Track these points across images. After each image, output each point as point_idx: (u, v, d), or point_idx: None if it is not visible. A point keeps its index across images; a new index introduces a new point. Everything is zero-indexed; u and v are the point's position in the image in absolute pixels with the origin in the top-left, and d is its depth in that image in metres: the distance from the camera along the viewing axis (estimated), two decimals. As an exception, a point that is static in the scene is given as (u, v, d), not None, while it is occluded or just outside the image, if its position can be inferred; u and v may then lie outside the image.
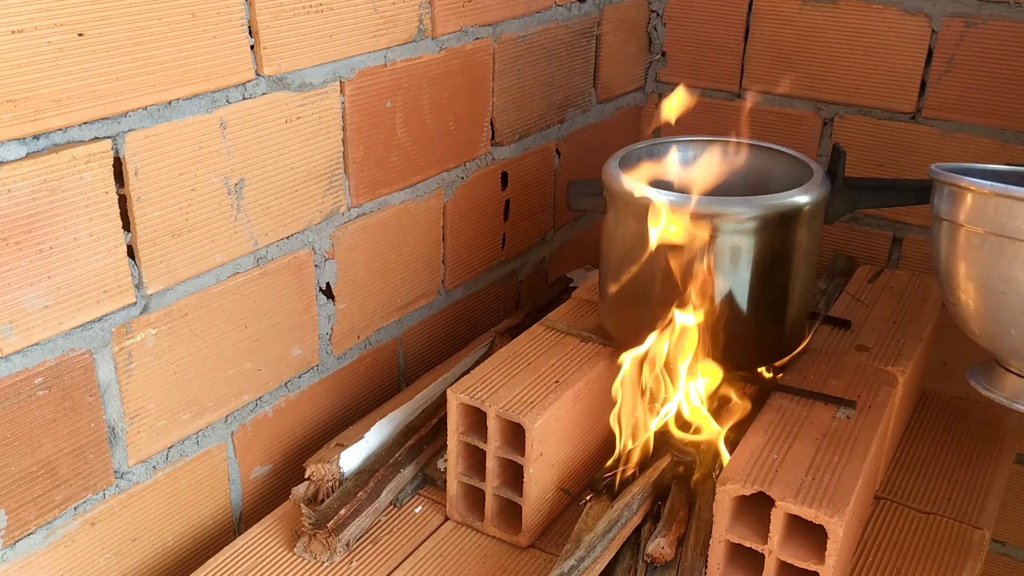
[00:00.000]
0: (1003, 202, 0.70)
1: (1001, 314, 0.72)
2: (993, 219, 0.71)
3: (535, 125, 1.25)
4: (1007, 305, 0.71)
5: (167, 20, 0.75)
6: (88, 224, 0.74)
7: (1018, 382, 0.76)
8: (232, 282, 0.88)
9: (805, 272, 0.93)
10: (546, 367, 0.92)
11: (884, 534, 0.89)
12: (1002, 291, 0.71)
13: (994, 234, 0.71)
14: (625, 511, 0.85)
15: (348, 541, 0.87)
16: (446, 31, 1.04)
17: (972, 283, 0.74)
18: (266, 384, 0.95)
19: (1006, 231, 0.70)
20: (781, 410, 0.87)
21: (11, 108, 0.67)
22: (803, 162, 0.95)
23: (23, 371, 0.73)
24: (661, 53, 1.45)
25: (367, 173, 1.00)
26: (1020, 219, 0.69)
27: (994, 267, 0.71)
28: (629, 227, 0.91)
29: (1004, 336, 0.74)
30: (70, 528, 0.80)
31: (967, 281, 0.75)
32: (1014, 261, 0.70)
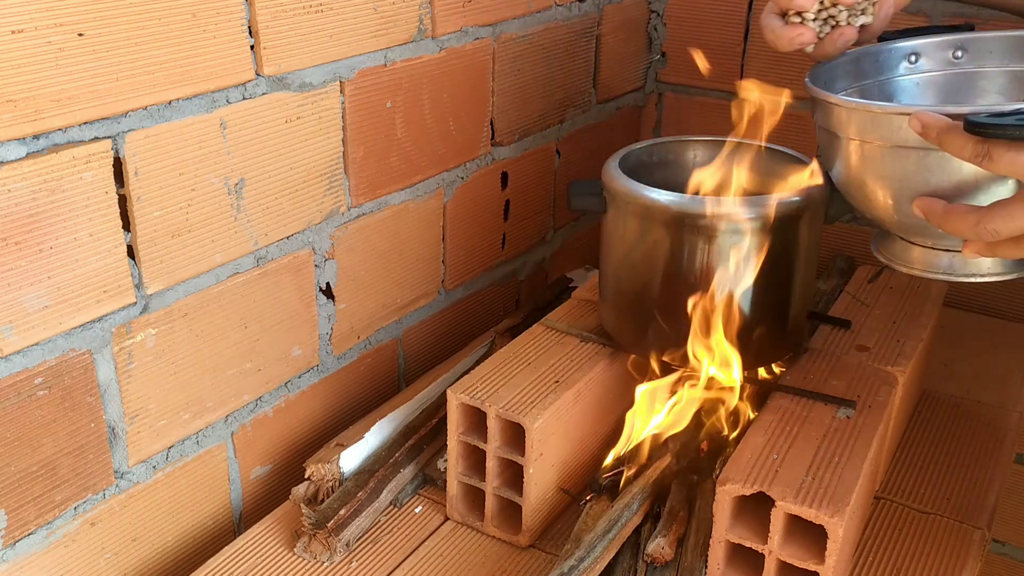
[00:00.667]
0: (865, 115, 0.74)
1: (886, 204, 0.76)
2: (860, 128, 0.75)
3: (535, 125, 1.25)
4: (888, 197, 0.76)
5: (167, 20, 0.75)
6: (88, 224, 0.74)
7: (911, 249, 0.79)
8: (232, 282, 0.88)
9: (805, 272, 0.93)
10: (546, 367, 0.92)
11: (884, 534, 0.89)
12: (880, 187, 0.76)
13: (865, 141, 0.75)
14: (625, 511, 0.85)
15: (348, 541, 0.87)
16: (446, 31, 1.04)
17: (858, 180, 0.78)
18: (266, 384, 0.95)
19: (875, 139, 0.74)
20: (781, 410, 0.87)
21: (11, 108, 0.67)
22: (803, 162, 0.95)
23: (23, 371, 0.73)
24: (661, 53, 1.45)
25: (367, 173, 1.00)
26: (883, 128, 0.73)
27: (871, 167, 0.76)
28: (629, 227, 0.91)
29: (891, 219, 0.78)
30: (70, 528, 0.80)
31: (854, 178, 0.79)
32: (885, 162, 0.74)
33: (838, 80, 0.87)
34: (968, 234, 0.67)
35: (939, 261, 0.77)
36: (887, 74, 0.90)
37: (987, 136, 0.64)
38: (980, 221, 0.66)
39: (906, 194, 0.73)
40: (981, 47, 0.87)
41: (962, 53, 0.88)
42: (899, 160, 0.72)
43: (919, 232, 0.77)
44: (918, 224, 0.73)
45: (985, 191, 0.69)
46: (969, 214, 0.67)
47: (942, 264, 0.77)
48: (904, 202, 0.74)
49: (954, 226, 0.68)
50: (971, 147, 0.65)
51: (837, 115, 0.76)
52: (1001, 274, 0.76)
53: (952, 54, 0.88)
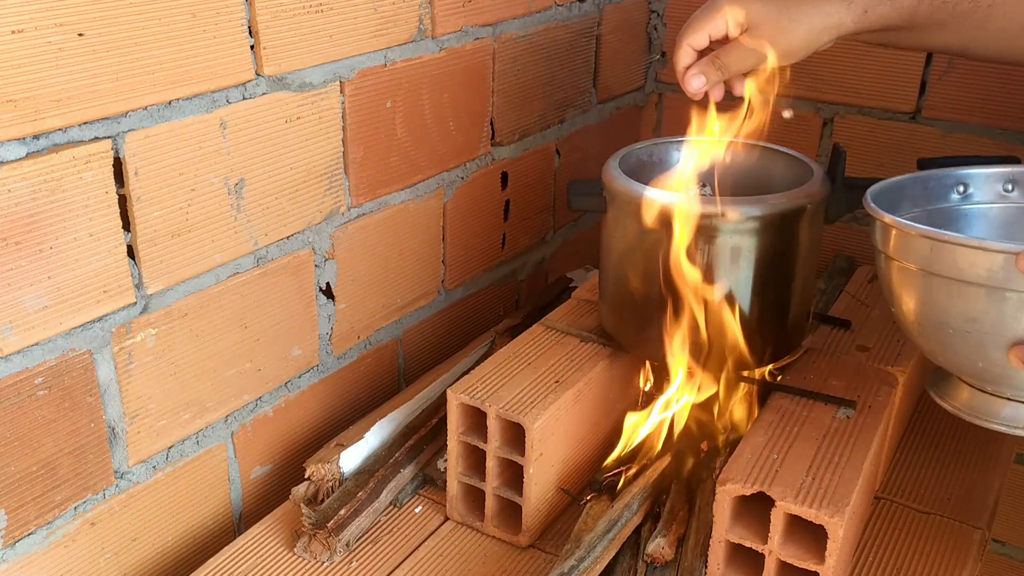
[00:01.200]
0: (956, 249, 0.69)
1: (964, 348, 0.72)
2: (948, 264, 0.70)
3: (535, 125, 1.25)
4: (970, 342, 0.71)
5: (167, 20, 0.75)
6: (88, 224, 0.74)
7: (979, 396, 0.76)
8: (232, 282, 0.88)
9: (805, 272, 0.93)
10: (546, 367, 0.92)
11: (884, 534, 0.89)
12: (966, 330, 0.71)
13: (951, 278, 0.70)
14: (625, 511, 0.85)
15: (348, 541, 0.87)
16: (446, 31, 1.04)
17: (930, 321, 0.74)
18: (266, 384, 0.95)
19: (966, 276, 0.69)
20: (781, 410, 0.87)
21: (11, 108, 0.67)
22: (803, 162, 0.95)
23: (23, 371, 0.73)
24: (661, 53, 1.45)
25: (367, 173, 1.00)
26: (977, 266, 0.68)
27: (955, 307, 0.71)
28: (629, 227, 0.91)
29: (966, 366, 0.74)
30: (70, 528, 0.80)
31: (925, 318, 0.74)
32: (976, 303, 0.69)
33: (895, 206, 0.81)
34: None
35: (1016, 414, 0.73)
36: (936, 203, 0.85)
37: None
38: None
39: (997, 340, 0.69)
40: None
41: (1012, 186, 0.85)
42: (994, 302, 0.68)
43: (1000, 382, 0.72)
44: (1004, 374, 0.69)
45: None
46: None
47: (1019, 416, 0.73)
48: (993, 349, 0.69)
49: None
50: None
51: (920, 247, 0.71)
52: None
53: (1003, 187, 0.85)
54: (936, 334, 0.73)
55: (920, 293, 0.73)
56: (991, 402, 0.75)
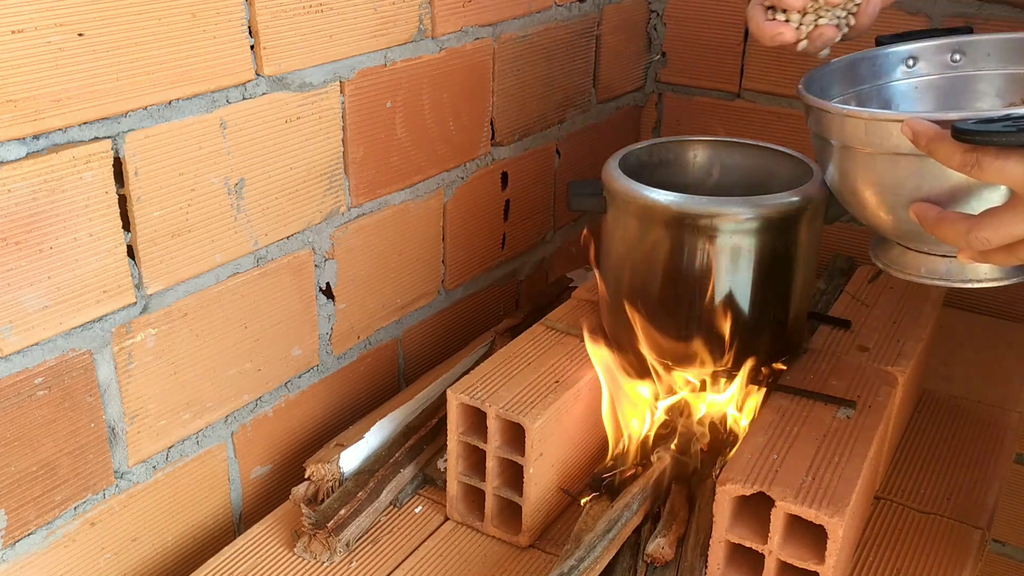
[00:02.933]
0: (858, 122, 0.73)
1: (882, 210, 0.76)
2: (852, 135, 0.74)
3: (535, 125, 1.25)
4: (884, 203, 0.75)
5: (167, 20, 0.75)
6: (88, 224, 0.74)
7: (907, 254, 0.79)
8: (232, 282, 0.88)
9: (805, 272, 0.93)
10: (546, 367, 0.92)
11: (884, 534, 0.89)
12: (876, 192, 0.75)
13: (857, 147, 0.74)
14: (625, 511, 0.85)
15: (348, 541, 0.87)
16: (446, 31, 1.04)
17: (852, 187, 0.78)
18: (266, 384, 0.95)
19: (868, 145, 0.73)
20: (781, 410, 0.87)
21: (11, 108, 0.67)
22: (803, 162, 0.95)
23: (23, 371, 0.73)
24: (661, 53, 1.45)
25: (367, 173, 1.00)
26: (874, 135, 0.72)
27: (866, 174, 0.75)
28: (629, 227, 0.91)
29: (886, 225, 0.77)
30: (70, 528, 0.80)
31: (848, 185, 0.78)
32: (879, 169, 0.73)
33: (834, 85, 0.86)
34: (960, 242, 0.67)
35: (937, 266, 0.77)
36: (884, 79, 0.89)
37: (975, 143, 0.63)
38: (971, 229, 0.65)
39: (901, 200, 0.73)
40: (979, 50, 0.87)
41: (960, 56, 0.87)
42: (892, 167, 0.72)
43: (916, 238, 0.76)
44: (914, 230, 0.73)
45: (978, 197, 0.69)
46: (960, 222, 0.66)
47: (940, 270, 0.77)
48: (899, 208, 0.73)
49: (946, 233, 0.68)
50: (960, 155, 0.64)
51: (829, 122, 0.76)
52: (998, 279, 0.75)
53: (950, 57, 0.88)
54: (855, 198, 0.78)
55: (837, 163, 0.78)
56: (916, 257, 0.78)
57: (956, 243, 0.67)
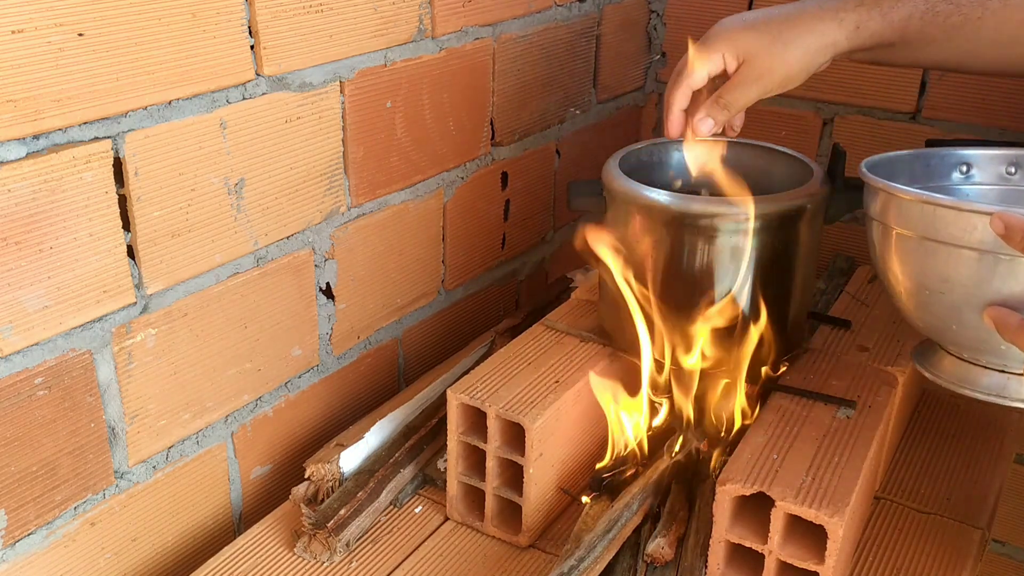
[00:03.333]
0: (928, 208, 0.70)
1: (941, 311, 0.73)
2: (925, 224, 0.71)
3: (535, 125, 1.25)
4: (945, 303, 0.72)
5: (167, 20, 0.75)
6: (88, 224, 0.74)
7: (959, 365, 0.77)
8: (232, 282, 0.88)
9: (805, 272, 0.93)
10: (546, 367, 0.92)
11: (884, 534, 0.89)
12: (940, 291, 0.72)
13: (927, 238, 0.71)
14: (625, 511, 0.85)
15: (348, 541, 0.87)
16: (446, 31, 1.04)
17: (909, 281, 0.75)
18: (266, 384, 0.95)
19: (941, 236, 0.70)
20: (781, 410, 0.87)
21: (11, 108, 0.67)
22: (803, 162, 0.95)
23: (23, 371, 0.73)
24: (661, 53, 1.45)
25: (367, 173, 1.00)
26: (952, 225, 0.69)
27: (930, 268, 0.72)
28: (629, 227, 0.91)
29: (946, 330, 0.75)
30: (70, 528, 0.80)
31: (904, 280, 0.76)
32: (949, 263, 0.70)
33: (897, 176, 0.82)
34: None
35: (992, 381, 0.74)
36: (938, 181, 0.87)
37: None
38: None
39: (972, 302, 0.69)
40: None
41: (1015, 169, 0.85)
42: (971, 264, 0.68)
43: (975, 346, 0.73)
44: (977, 337, 0.70)
45: None
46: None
47: (994, 384, 0.74)
48: (968, 311, 0.70)
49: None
50: None
51: (901, 208, 0.72)
52: None
53: (1005, 169, 0.86)
54: (915, 297, 0.75)
55: (900, 255, 0.75)
56: (970, 370, 0.75)
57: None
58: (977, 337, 0.71)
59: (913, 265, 0.74)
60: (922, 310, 0.75)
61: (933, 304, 0.73)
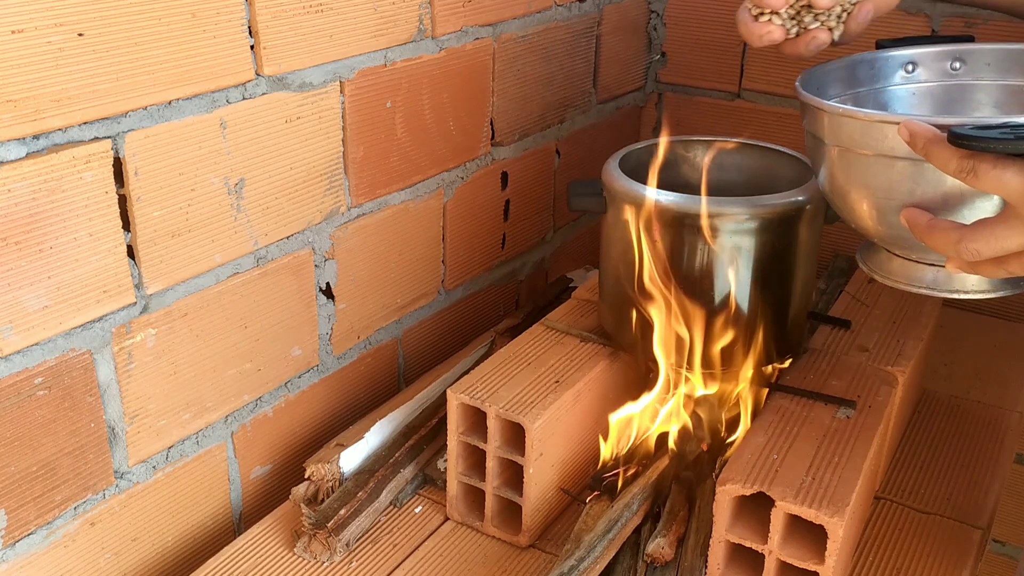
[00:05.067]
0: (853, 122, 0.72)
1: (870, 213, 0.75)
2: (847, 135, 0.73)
3: (535, 125, 1.25)
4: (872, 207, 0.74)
5: (167, 20, 0.75)
6: (88, 224, 0.74)
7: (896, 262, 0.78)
8: (232, 282, 0.88)
9: (805, 272, 0.93)
10: (546, 367, 0.92)
11: (884, 534, 0.89)
12: (864, 196, 0.74)
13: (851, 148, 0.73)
14: (625, 511, 0.85)
15: (348, 541, 0.87)
16: (446, 31, 1.04)
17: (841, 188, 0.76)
18: (266, 384, 0.95)
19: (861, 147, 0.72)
20: (781, 410, 0.87)
21: (11, 108, 0.67)
22: (803, 162, 0.95)
23: (23, 371, 0.73)
24: (661, 53, 1.45)
25: (367, 173, 1.00)
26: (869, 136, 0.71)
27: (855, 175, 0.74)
28: (629, 227, 0.91)
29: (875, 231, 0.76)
30: (70, 528, 0.80)
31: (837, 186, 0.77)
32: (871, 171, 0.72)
33: (831, 86, 0.85)
34: (949, 251, 0.65)
35: (923, 275, 0.76)
36: (882, 82, 0.88)
37: (972, 149, 0.61)
38: (962, 239, 0.64)
39: (892, 205, 0.71)
40: (979, 59, 0.86)
41: (960, 64, 0.86)
42: (886, 170, 0.71)
43: (904, 245, 0.75)
44: (902, 236, 0.72)
45: (971, 206, 0.67)
46: (951, 231, 0.65)
47: (926, 278, 0.75)
48: (889, 213, 0.72)
49: (936, 242, 0.66)
50: (956, 161, 0.62)
51: (824, 121, 0.75)
52: (985, 292, 0.74)
53: (950, 65, 0.87)
54: (844, 201, 0.76)
55: (828, 163, 0.76)
56: (904, 265, 0.77)
57: (946, 252, 0.66)
58: (902, 236, 0.72)
59: (837, 172, 0.76)
60: (851, 214, 0.77)
61: (860, 208, 0.75)
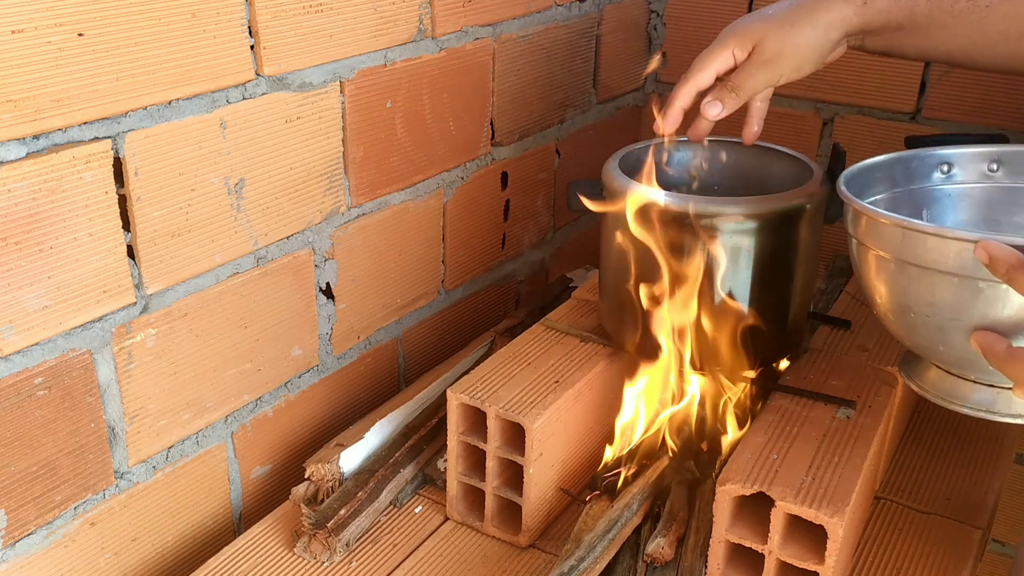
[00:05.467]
0: (916, 236, 0.69)
1: (927, 332, 0.72)
2: (909, 250, 0.70)
3: (535, 125, 1.25)
4: (930, 325, 0.71)
5: (167, 20, 0.75)
6: (88, 224, 0.74)
7: (947, 379, 0.75)
8: (232, 282, 0.88)
9: (805, 272, 0.93)
10: (546, 367, 0.92)
11: (884, 534, 0.89)
12: (925, 314, 0.71)
13: (912, 264, 0.70)
14: (625, 511, 0.85)
15: (348, 541, 0.87)
16: (446, 31, 1.04)
17: (895, 304, 0.74)
18: (266, 384, 0.95)
19: (925, 263, 0.69)
20: (781, 410, 0.87)
21: (11, 108, 0.67)
22: (803, 162, 0.95)
23: (23, 371, 0.73)
24: (661, 53, 1.45)
25: (367, 173, 1.00)
26: (936, 252, 0.68)
27: (916, 293, 0.71)
28: (629, 227, 0.91)
29: (932, 350, 0.74)
30: (70, 528, 0.80)
31: (890, 301, 0.74)
32: (935, 289, 0.69)
33: (873, 185, 0.82)
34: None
35: (980, 397, 0.73)
36: (919, 182, 0.85)
37: None
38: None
39: (958, 326, 0.68)
40: (1018, 160, 0.84)
41: (997, 166, 0.84)
42: (955, 289, 0.67)
43: (963, 365, 0.72)
44: (965, 358, 0.69)
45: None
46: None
47: (986, 400, 0.73)
48: (954, 333, 0.69)
49: (1016, 371, 0.63)
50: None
51: (883, 233, 0.71)
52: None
53: (987, 167, 0.84)
54: (901, 317, 0.73)
55: (881, 276, 0.73)
56: (958, 384, 0.74)
57: None
58: (965, 358, 0.70)
59: (895, 287, 0.73)
60: (908, 331, 0.74)
61: (918, 326, 0.72)
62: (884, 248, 0.72)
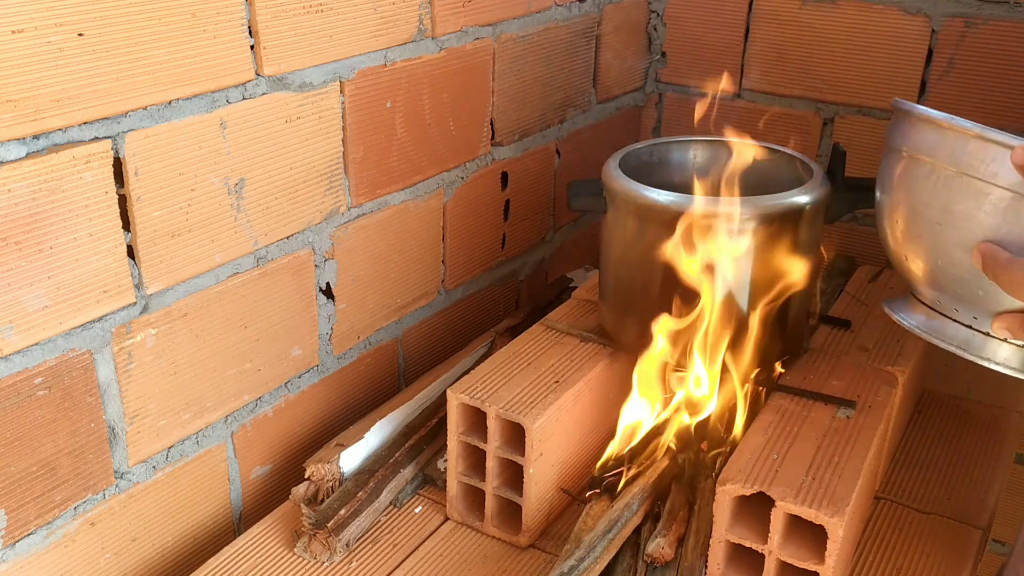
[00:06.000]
0: (958, 136, 0.69)
1: (933, 243, 0.72)
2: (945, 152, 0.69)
3: (535, 125, 1.25)
4: (939, 236, 0.71)
5: (167, 20, 0.75)
6: (88, 224, 0.74)
7: (929, 314, 0.76)
8: (232, 282, 0.88)
9: (805, 272, 0.92)
10: (546, 367, 0.92)
11: (884, 534, 0.89)
12: (938, 222, 0.70)
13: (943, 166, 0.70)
14: (625, 511, 0.85)
15: (348, 541, 0.87)
16: (446, 31, 1.04)
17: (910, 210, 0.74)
18: (266, 384, 0.95)
19: (957, 165, 0.68)
20: (781, 410, 0.87)
21: (11, 108, 0.67)
22: (803, 162, 0.95)
23: (23, 371, 0.73)
24: (661, 53, 1.45)
25: (367, 173, 1.00)
26: (971, 155, 0.67)
27: (936, 198, 0.70)
28: (629, 227, 0.91)
29: (929, 266, 0.74)
30: (70, 528, 0.80)
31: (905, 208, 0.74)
32: (957, 195, 0.69)
33: None
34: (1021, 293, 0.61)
35: (956, 333, 0.73)
36: None
37: None
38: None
39: (966, 237, 0.67)
40: None
41: None
42: (979, 197, 0.66)
43: (952, 289, 0.72)
44: (958, 278, 0.68)
45: None
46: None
47: (958, 337, 0.73)
48: (955, 246, 0.68)
49: (1011, 277, 0.62)
50: None
51: (923, 134, 0.70)
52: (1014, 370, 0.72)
53: None
54: (911, 227, 0.73)
55: (909, 180, 0.73)
56: (939, 320, 0.75)
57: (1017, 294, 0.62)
58: (958, 277, 0.70)
59: (919, 192, 0.72)
60: (913, 242, 0.74)
61: (926, 236, 0.72)
62: (919, 149, 0.71)
